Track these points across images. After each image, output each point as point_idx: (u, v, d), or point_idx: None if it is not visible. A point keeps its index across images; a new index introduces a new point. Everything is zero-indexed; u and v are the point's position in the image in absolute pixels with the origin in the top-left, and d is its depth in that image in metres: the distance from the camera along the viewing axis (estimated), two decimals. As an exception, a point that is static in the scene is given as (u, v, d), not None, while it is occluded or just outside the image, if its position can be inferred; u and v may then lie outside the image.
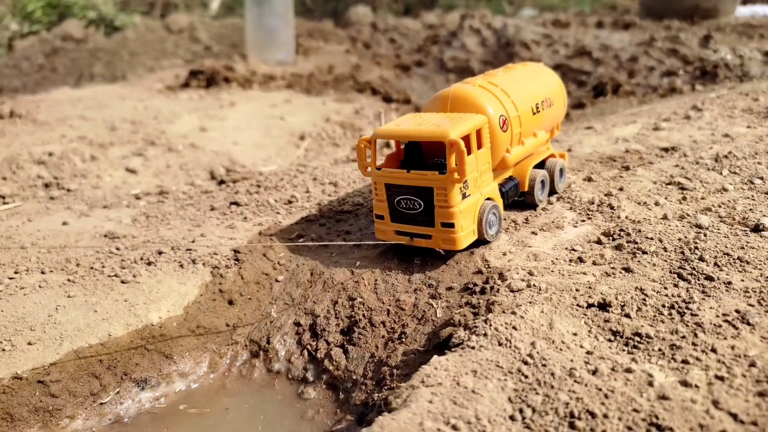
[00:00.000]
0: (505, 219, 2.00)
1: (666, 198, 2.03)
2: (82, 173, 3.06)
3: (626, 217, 1.90)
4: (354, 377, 1.59)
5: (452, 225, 1.70)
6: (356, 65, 6.37)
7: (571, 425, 1.11)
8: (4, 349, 1.53)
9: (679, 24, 6.33)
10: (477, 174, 1.77)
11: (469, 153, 1.70)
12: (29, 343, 1.56)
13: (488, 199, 1.83)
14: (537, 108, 2.05)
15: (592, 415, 1.12)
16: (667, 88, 4.24)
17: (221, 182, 2.76)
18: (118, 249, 2.01)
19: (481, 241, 1.82)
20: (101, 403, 1.53)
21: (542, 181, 2.10)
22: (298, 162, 3.54)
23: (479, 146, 1.78)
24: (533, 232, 1.89)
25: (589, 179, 2.27)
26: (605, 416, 1.12)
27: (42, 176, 3.02)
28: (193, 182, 2.94)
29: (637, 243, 1.72)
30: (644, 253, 1.66)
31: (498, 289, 1.59)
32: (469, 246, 1.79)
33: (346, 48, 7.31)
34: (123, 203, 2.51)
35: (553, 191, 2.18)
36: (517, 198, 2.06)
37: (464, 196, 1.73)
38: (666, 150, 2.58)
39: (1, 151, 3.28)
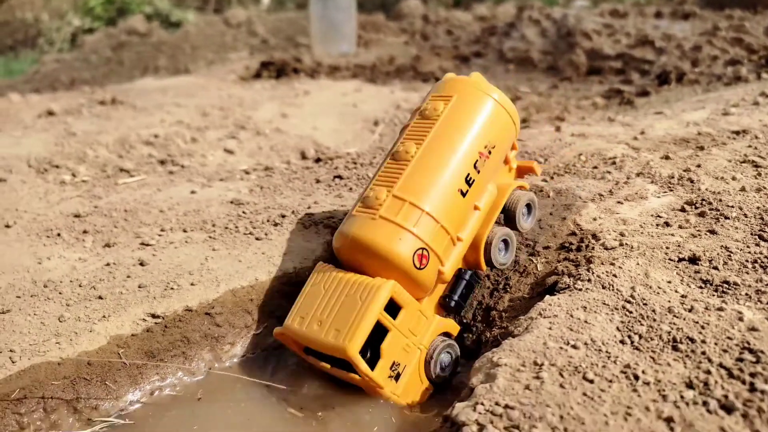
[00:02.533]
0: (581, 197, 2.20)
1: (742, 174, 2.20)
2: (188, 153, 3.40)
3: (706, 189, 2.08)
4: (465, 321, 1.84)
5: (399, 403, 1.55)
6: (416, 56, 6.60)
7: (675, 348, 1.32)
8: (173, 288, 1.84)
9: (741, 13, 6.30)
10: (407, 341, 1.54)
11: (387, 331, 1.50)
12: (192, 284, 1.86)
13: (440, 334, 1.63)
14: (469, 180, 1.62)
15: (692, 340, 1.33)
16: (731, 77, 4.31)
17: (318, 160, 3.03)
18: (244, 213, 2.31)
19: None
20: (255, 335, 1.82)
21: (504, 241, 1.77)
22: (375, 146, 3.80)
23: (397, 311, 1.53)
24: (618, 202, 2.09)
25: (667, 157, 2.44)
26: (703, 341, 1.33)
27: (153, 155, 3.37)
28: (289, 161, 3.24)
29: (719, 210, 1.90)
30: (726, 218, 1.85)
31: (593, 247, 1.80)
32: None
33: (404, 40, 7.56)
34: (236, 176, 2.82)
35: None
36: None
37: (398, 377, 1.53)
38: (737, 133, 2.72)
39: (111, 133, 3.65)
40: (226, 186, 2.65)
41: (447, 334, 1.67)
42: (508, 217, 1.83)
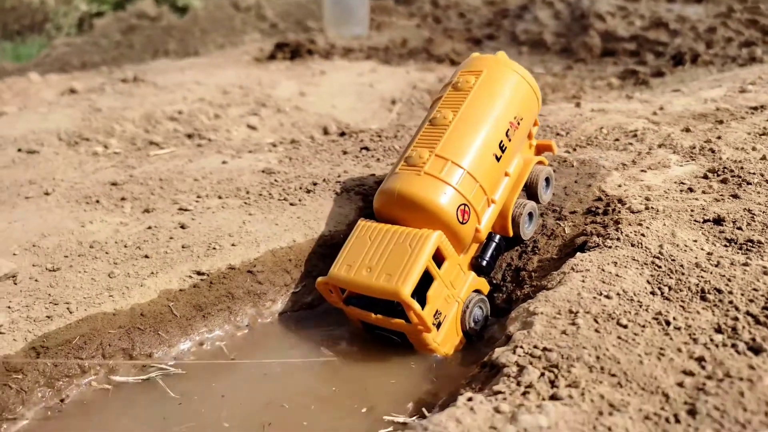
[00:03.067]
0: (612, 162, 2.26)
1: (762, 145, 2.26)
2: (213, 128, 3.47)
3: (728, 158, 2.14)
4: (494, 282, 1.91)
5: (435, 352, 1.63)
6: (429, 39, 6.63)
7: (703, 298, 1.40)
8: (215, 248, 1.92)
9: (755, -4, 6.29)
10: (448, 292, 1.62)
11: (427, 285, 1.57)
12: (233, 245, 1.94)
13: (474, 291, 1.72)
14: (502, 147, 1.74)
15: (719, 291, 1.41)
16: (746, 58, 4.35)
17: (342, 134, 3.10)
18: (276, 181, 2.38)
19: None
20: (293, 293, 1.90)
21: (530, 214, 1.88)
22: (395, 123, 3.86)
23: (441, 261, 1.61)
24: (642, 170, 2.16)
25: (687, 130, 2.50)
26: (730, 292, 1.40)
27: (178, 130, 3.45)
28: (312, 136, 3.30)
29: (740, 177, 1.96)
30: (749, 184, 1.91)
31: (620, 211, 1.87)
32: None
33: (416, 23, 7.58)
34: (264, 149, 2.89)
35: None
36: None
37: (439, 325, 1.60)
38: (755, 108, 2.78)
39: (136, 109, 3.72)
40: (255, 157, 2.73)
41: (479, 292, 1.75)
42: (530, 190, 1.96)
